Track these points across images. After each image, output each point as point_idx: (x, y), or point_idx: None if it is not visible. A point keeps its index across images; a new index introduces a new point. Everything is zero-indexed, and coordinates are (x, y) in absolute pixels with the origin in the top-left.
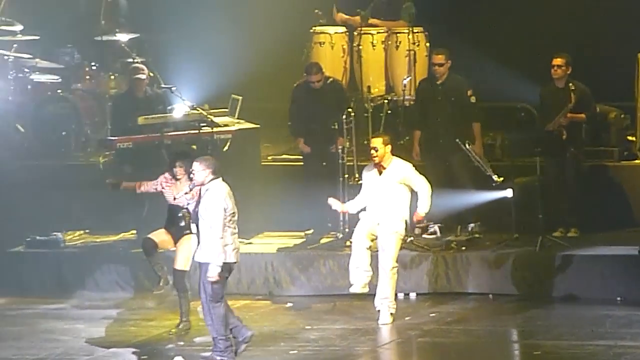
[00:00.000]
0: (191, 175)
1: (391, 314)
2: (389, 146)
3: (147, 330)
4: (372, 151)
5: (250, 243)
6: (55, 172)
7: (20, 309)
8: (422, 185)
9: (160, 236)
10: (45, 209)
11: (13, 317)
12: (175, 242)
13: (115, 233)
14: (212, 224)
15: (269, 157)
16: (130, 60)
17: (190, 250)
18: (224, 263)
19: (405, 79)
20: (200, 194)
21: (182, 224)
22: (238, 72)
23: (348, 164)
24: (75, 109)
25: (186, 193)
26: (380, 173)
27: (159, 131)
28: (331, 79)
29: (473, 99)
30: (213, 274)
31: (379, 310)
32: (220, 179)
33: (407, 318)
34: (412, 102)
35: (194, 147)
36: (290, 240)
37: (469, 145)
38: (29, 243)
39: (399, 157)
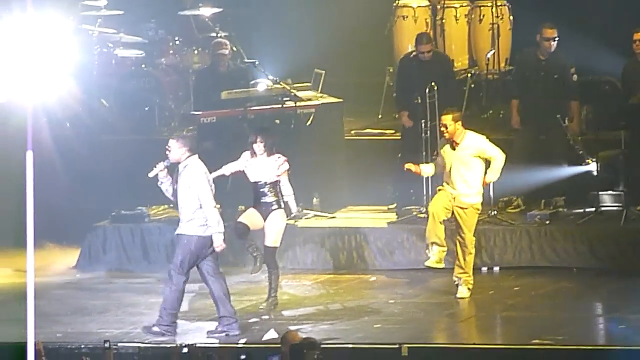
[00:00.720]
0: (166, 152)
1: (468, 288)
2: (459, 122)
3: (232, 304)
4: (442, 128)
5: (334, 217)
6: (139, 147)
7: (105, 282)
8: (497, 155)
9: (250, 217)
10: (129, 183)
11: (98, 291)
12: (264, 219)
13: None
14: (206, 196)
15: (352, 132)
16: (214, 34)
17: (280, 226)
18: (203, 237)
19: (488, 53)
20: (177, 171)
21: (269, 200)
22: (321, 46)
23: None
24: (159, 83)
25: (161, 170)
26: (454, 148)
27: (242, 106)
28: (438, 51)
29: (575, 77)
30: (220, 242)
31: (457, 285)
32: (197, 156)
33: (490, 292)
34: (495, 76)
35: (277, 121)
36: (374, 214)
37: (567, 123)
38: (113, 217)
39: (475, 130)
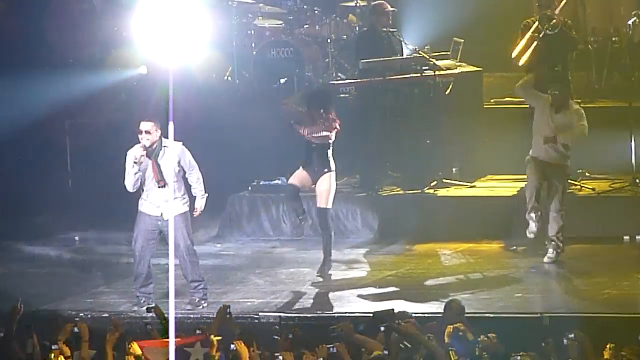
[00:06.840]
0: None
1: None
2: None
3: None
4: None
5: (473, 186)
6: (275, 117)
7: (245, 251)
8: None
9: (299, 178)
10: (268, 154)
11: (239, 260)
12: (314, 182)
13: None
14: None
15: (492, 100)
16: (352, 4)
17: (331, 188)
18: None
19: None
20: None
21: (321, 161)
22: (460, 14)
23: None
24: (298, 53)
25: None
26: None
27: (381, 75)
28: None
29: None
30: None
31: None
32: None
33: None
34: None
35: (416, 90)
36: (514, 183)
37: None
38: (253, 187)
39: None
